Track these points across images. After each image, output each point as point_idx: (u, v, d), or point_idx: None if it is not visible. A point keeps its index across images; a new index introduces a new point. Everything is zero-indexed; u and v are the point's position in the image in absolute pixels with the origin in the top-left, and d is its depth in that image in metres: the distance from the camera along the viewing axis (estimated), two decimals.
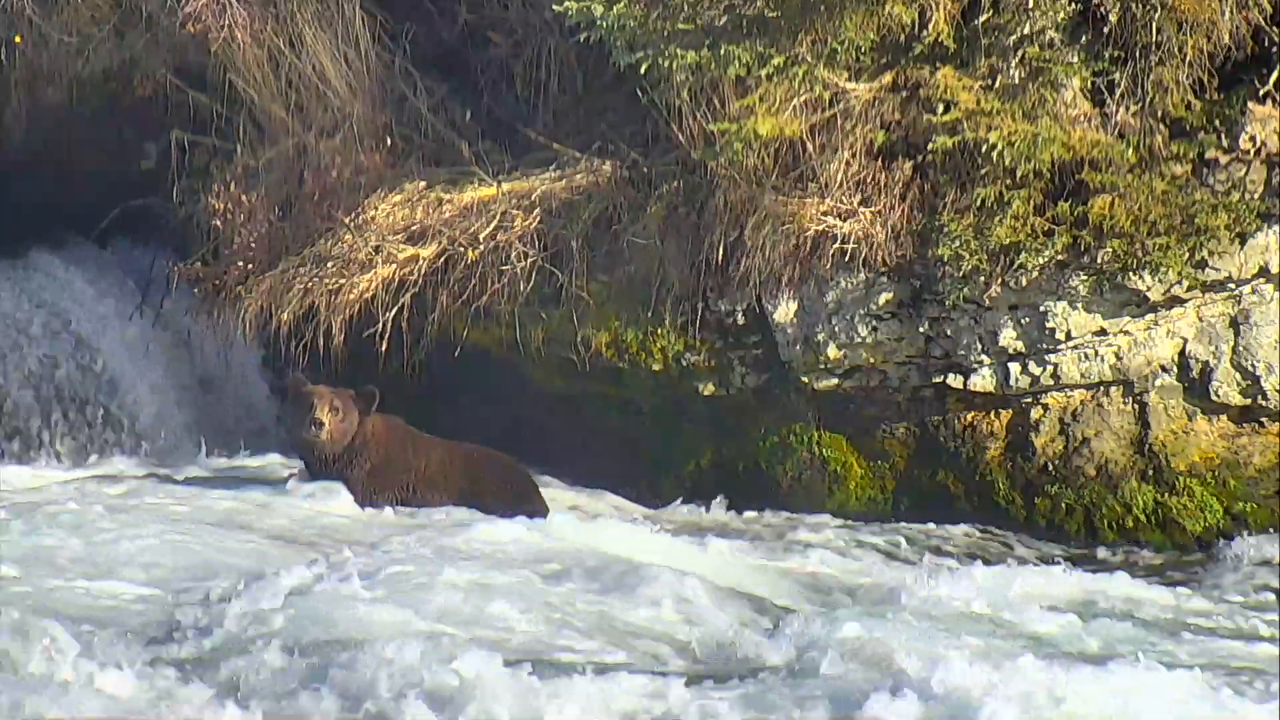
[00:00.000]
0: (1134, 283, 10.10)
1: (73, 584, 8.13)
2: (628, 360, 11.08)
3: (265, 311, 11.25)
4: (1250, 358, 10.30)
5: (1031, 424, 10.62)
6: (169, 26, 11.81)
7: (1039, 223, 10.11)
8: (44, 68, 12.28)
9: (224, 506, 10.07)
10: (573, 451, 11.44)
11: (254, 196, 11.60)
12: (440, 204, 11.25)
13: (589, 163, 11.11)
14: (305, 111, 11.61)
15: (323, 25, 11.50)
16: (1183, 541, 10.39)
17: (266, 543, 9.26)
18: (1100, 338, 10.31)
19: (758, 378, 10.97)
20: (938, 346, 10.53)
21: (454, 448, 10.67)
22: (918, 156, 10.35)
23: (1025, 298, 10.27)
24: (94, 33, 12.16)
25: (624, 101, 11.09)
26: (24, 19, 11.97)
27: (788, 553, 9.83)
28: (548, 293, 11.10)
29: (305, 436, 10.30)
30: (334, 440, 10.28)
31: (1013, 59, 10.01)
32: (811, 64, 9.99)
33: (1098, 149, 9.95)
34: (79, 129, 12.48)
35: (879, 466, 10.98)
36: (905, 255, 10.40)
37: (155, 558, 8.73)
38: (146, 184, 12.25)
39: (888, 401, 10.84)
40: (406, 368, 11.16)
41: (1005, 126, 9.83)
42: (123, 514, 9.73)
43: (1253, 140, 10.09)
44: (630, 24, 10.05)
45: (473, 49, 11.93)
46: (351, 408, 10.34)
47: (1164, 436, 10.46)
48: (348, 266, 11.17)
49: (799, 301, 10.64)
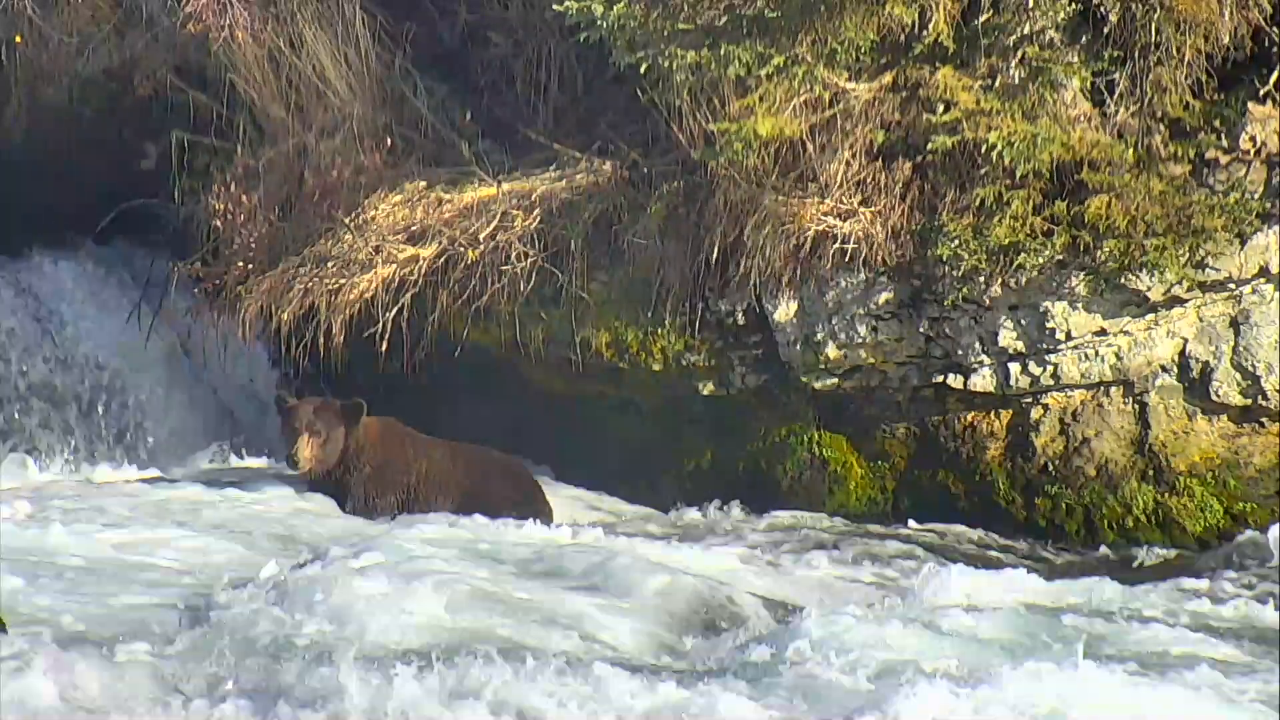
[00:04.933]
0: (1134, 283, 10.10)
1: (70, 585, 8.14)
2: (628, 360, 11.08)
3: (265, 311, 11.26)
4: (1250, 358, 10.30)
5: (1031, 424, 10.62)
6: (169, 26, 11.84)
7: (1038, 223, 10.11)
8: (44, 68, 12.30)
9: (224, 507, 10.09)
10: (573, 451, 11.44)
11: (254, 196, 11.61)
12: (440, 204, 11.26)
13: (589, 163, 11.12)
14: (305, 111, 11.62)
15: (323, 25, 11.51)
16: (1183, 541, 10.39)
17: (268, 544, 9.29)
18: (1100, 338, 10.31)
19: (758, 378, 10.97)
20: (938, 346, 10.53)
21: (456, 448, 10.68)
22: (918, 156, 10.34)
23: (1025, 298, 10.27)
24: (94, 33, 12.19)
25: (624, 101, 11.10)
26: (24, 19, 11.98)
27: (786, 552, 9.85)
28: (548, 293, 11.10)
29: (288, 468, 10.38)
30: (317, 465, 10.34)
31: (1013, 59, 10.00)
32: (811, 64, 9.99)
33: (1097, 149, 9.94)
34: (79, 129, 12.49)
35: (879, 466, 10.98)
36: (905, 255, 10.40)
37: (155, 558, 8.75)
38: (146, 184, 12.24)
39: (888, 401, 10.84)
40: (406, 368, 11.17)
41: (1005, 126, 9.83)
42: (122, 516, 9.76)
43: (1252, 140, 10.08)
44: (630, 24, 10.05)
45: (473, 49, 11.94)
46: (336, 423, 10.36)
47: (1164, 437, 10.46)
48: (348, 266, 11.17)
49: (799, 301, 10.63)
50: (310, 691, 6.54)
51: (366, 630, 7.28)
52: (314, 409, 10.40)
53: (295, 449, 10.32)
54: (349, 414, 10.42)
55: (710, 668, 7.20)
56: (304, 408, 10.42)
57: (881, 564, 9.60)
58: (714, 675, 6.98)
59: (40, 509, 9.95)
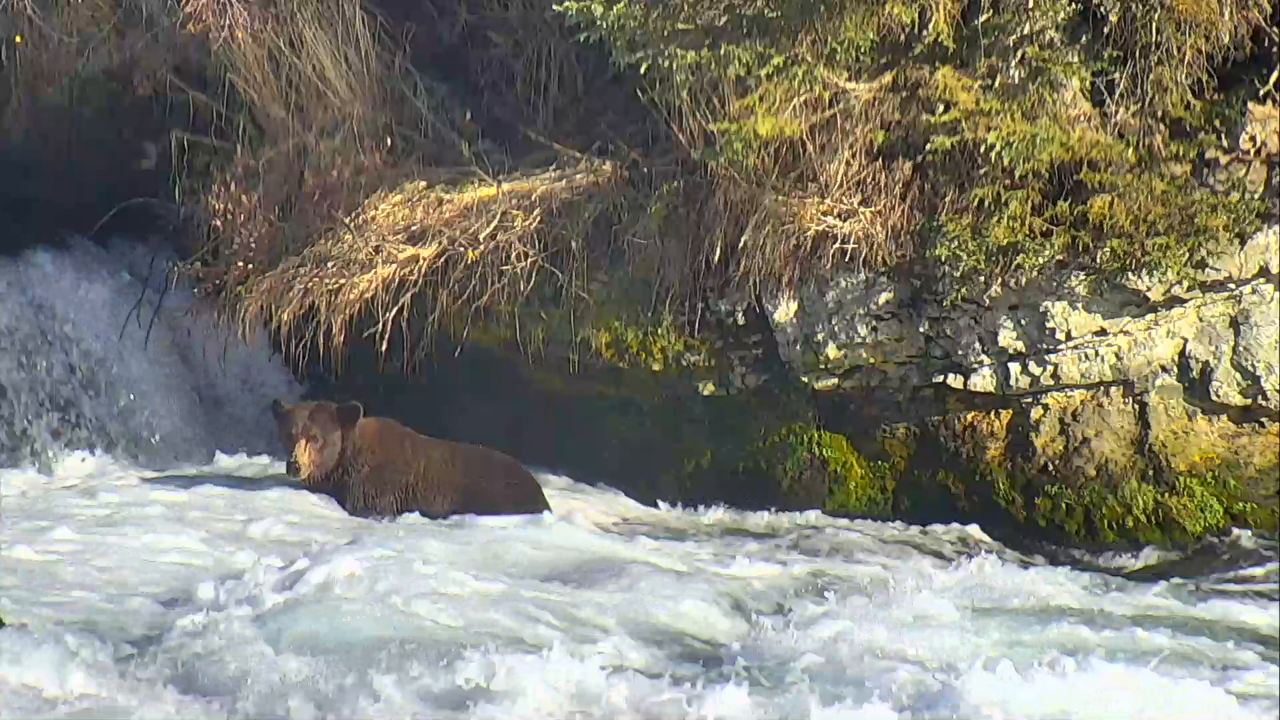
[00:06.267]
0: (1134, 283, 10.10)
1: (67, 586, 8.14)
2: (628, 360, 11.08)
3: (265, 311, 11.26)
4: (1250, 358, 10.30)
5: (1031, 424, 10.62)
6: (169, 26, 11.84)
7: (1037, 223, 10.11)
8: (44, 68, 12.30)
9: (222, 506, 10.09)
10: (573, 451, 11.45)
11: (254, 196, 11.61)
12: (440, 204, 11.26)
13: (589, 163, 11.12)
14: (305, 111, 11.61)
15: (323, 25, 11.50)
16: (1183, 541, 10.39)
17: (267, 544, 9.29)
18: (1100, 338, 10.31)
19: (758, 378, 10.97)
20: (938, 346, 10.53)
21: (455, 448, 10.69)
22: (917, 156, 10.34)
23: (1025, 298, 10.27)
24: (94, 33, 12.18)
25: (624, 101, 11.09)
26: (24, 19, 11.98)
27: (784, 552, 9.86)
28: (548, 293, 11.10)
29: (288, 475, 10.37)
30: (316, 470, 10.35)
31: (1013, 59, 10.00)
32: (811, 64, 9.99)
33: (1097, 149, 9.94)
34: (79, 129, 12.49)
35: (879, 466, 10.98)
36: (905, 255, 10.40)
37: (153, 558, 8.75)
38: (146, 184, 12.24)
39: (888, 401, 10.84)
40: (406, 367, 11.17)
41: (1004, 127, 9.82)
42: (122, 516, 9.76)
43: (1253, 140, 10.08)
44: (630, 24, 10.05)
45: (473, 49, 11.94)
46: (333, 426, 10.37)
47: (1164, 436, 10.46)
48: (348, 266, 11.17)
49: (799, 301, 10.63)
50: (307, 692, 6.55)
51: (360, 630, 7.29)
52: (310, 413, 10.40)
53: (294, 455, 10.32)
54: (346, 416, 10.43)
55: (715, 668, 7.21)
56: (300, 412, 10.42)
57: (880, 564, 9.59)
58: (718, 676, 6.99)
59: (40, 508, 9.97)
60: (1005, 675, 6.70)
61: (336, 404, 10.52)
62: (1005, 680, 6.68)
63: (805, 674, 6.89)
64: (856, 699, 6.52)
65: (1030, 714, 6.53)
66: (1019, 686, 6.65)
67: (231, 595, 7.79)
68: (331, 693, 6.52)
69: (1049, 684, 6.70)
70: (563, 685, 6.65)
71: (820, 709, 6.47)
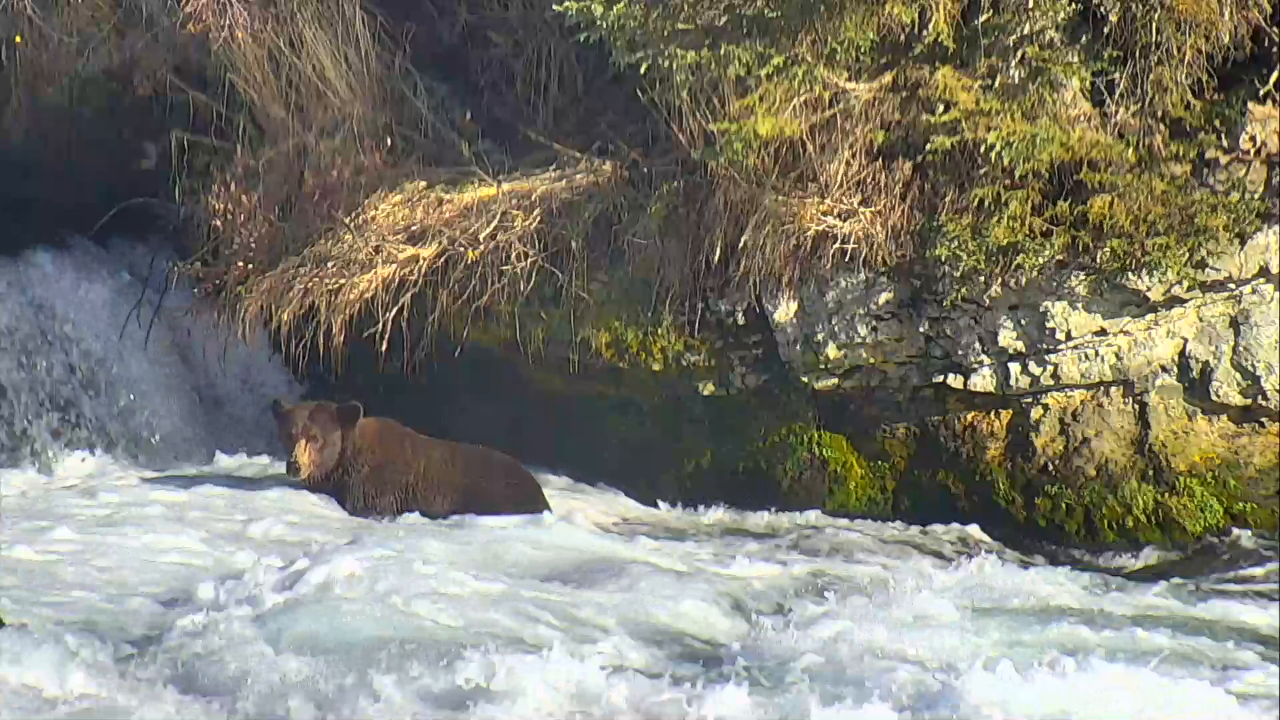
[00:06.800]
0: (1134, 283, 10.10)
1: (67, 586, 8.14)
2: (628, 360, 11.08)
3: (265, 311, 11.26)
4: (1250, 358, 10.30)
5: (1031, 424, 10.62)
6: (169, 26, 11.83)
7: (1037, 223, 10.11)
8: (44, 68, 12.29)
9: (222, 506, 10.09)
10: (573, 451, 11.45)
11: (254, 196, 11.61)
12: (440, 204, 11.26)
13: (589, 163, 11.12)
14: (305, 111, 11.61)
15: (323, 25, 11.50)
16: (1183, 541, 10.38)
17: (267, 544, 9.29)
18: (1100, 338, 10.31)
19: (758, 378, 10.97)
20: (938, 346, 10.53)
21: (455, 448, 10.68)
22: (917, 156, 10.34)
23: (1025, 298, 10.27)
24: (94, 33, 12.18)
25: (624, 101, 11.09)
26: (24, 19, 11.98)
27: (784, 552, 9.86)
28: (548, 293, 11.10)
29: (288, 475, 10.36)
30: (316, 470, 10.35)
31: (1013, 59, 10.00)
32: (811, 64, 9.98)
33: (1097, 149, 9.94)
34: (79, 129, 12.49)
35: (879, 466, 10.98)
36: (905, 255, 10.40)
37: (153, 558, 8.75)
38: (146, 184, 12.24)
39: (888, 401, 10.84)
40: (406, 367, 11.17)
41: (1004, 127, 9.82)
42: (122, 516, 9.76)
43: (1253, 140, 10.08)
44: (630, 24, 10.05)
45: (473, 49, 11.94)
46: (332, 426, 10.38)
47: (1164, 436, 10.46)
48: (348, 266, 11.17)
49: (799, 301, 10.63)
50: (307, 692, 6.55)
51: (360, 630, 7.28)
52: (309, 413, 10.41)
53: (294, 456, 10.32)
54: (346, 416, 10.43)
55: (715, 668, 7.21)
56: (299, 413, 10.42)
57: (879, 564, 9.59)
58: (717, 676, 6.99)
59: (40, 508, 9.97)
60: (1005, 675, 6.70)
61: (336, 404, 10.53)
62: (1005, 680, 6.68)
63: (805, 674, 6.89)
64: (856, 699, 6.52)
65: (1030, 714, 6.53)
66: (1019, 686, 6.65)
67: (231, 595, 7.79)
68: (331, 693, 6.52)
69: (1049, 684, 6.69)
70: (563, 685, 6.65)
71: (820, 709, 6.47)
